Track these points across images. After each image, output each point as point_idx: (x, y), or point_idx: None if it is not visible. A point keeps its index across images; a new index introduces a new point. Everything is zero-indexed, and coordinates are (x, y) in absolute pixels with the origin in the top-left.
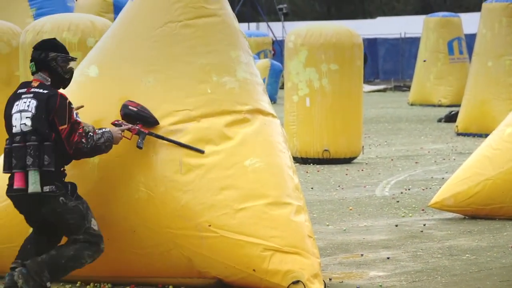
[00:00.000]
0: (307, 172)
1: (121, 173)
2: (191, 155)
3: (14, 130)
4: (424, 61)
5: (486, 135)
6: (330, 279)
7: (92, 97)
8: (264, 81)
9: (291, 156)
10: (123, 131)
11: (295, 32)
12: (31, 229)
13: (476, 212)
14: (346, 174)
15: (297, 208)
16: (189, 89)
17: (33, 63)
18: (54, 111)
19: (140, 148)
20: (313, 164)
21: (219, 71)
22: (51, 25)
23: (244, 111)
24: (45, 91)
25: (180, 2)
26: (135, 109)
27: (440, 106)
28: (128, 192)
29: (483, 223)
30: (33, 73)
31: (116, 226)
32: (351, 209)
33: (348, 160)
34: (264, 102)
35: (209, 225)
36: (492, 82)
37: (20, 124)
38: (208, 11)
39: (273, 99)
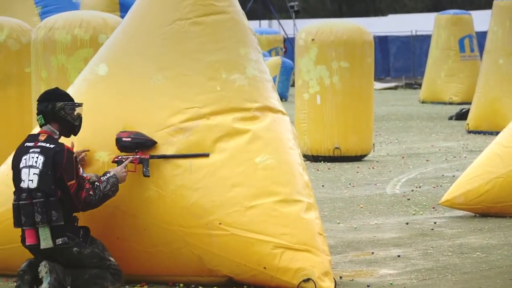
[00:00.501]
0: (318, 170)
1: (130, 172)
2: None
3: (22, 185)
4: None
5: (497, 133)
6: (340, 277)
7: (101, 96)
8: (275, 79)
9: (301, 153)
10: (125, 167)
11: (306, 29)
12: None
13: (486, 210)
14: (357, 172)
15: (308, 205)
16: (199, 87)
17: (41, 115)
18: (61, 168)
19: (147, 176)
20: (324, 162)
21: (229, 68)
22: (63, 22)
23: (254, 108)
24: (52, 146)
25: None
26: (129, 139)
27: (451, 103)
28: (138, 190)
29: (494, 221)
30: (41, 126)
31: (126, 224)
32: (361, 207)
33: (359, 158)
34: (274, 99)
35: (220, 223)
36: (503, 80)
37: (28, 180)
38: (217, 9)
39: (284, 97)
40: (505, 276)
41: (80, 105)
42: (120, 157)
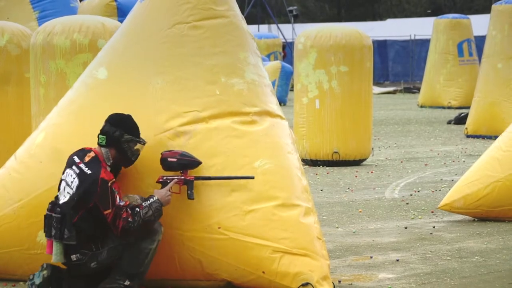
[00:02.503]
0: (316, 174)
1: (131, 176)
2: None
3: (56, 195)
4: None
5: (496, 137)
6: (339, 281)
7: (101, 100)
8: (274, 83)
9: (299, 158)
10: (170, 189)
11: (305, 34)
12: (40, 232)
13: (485, 214)
14: (356, 176)
15: (306, 210)
16: (198, 91)
17: (104, 137)
18: (95, 198)
19: (192, 199)
20: (323, 166)
21: (228, 72)
22: (62, 27)
23: (252, 112)
24: (89, 172)
25: (188, 3)
26: (174, 159)
27: (449, 108)
28: (139, 194)
29: (493, 225)
30: (99, 145)
31: None
32: (360, 211)
33: (357, 162)
34: (272, 104)
35: (219, 227)
36: (502, 84)
37: (59, 194)
38: (217, 13)
39: (283, 101)
40: (503, 280)
41: (144, 142)
42: (164, 177)
